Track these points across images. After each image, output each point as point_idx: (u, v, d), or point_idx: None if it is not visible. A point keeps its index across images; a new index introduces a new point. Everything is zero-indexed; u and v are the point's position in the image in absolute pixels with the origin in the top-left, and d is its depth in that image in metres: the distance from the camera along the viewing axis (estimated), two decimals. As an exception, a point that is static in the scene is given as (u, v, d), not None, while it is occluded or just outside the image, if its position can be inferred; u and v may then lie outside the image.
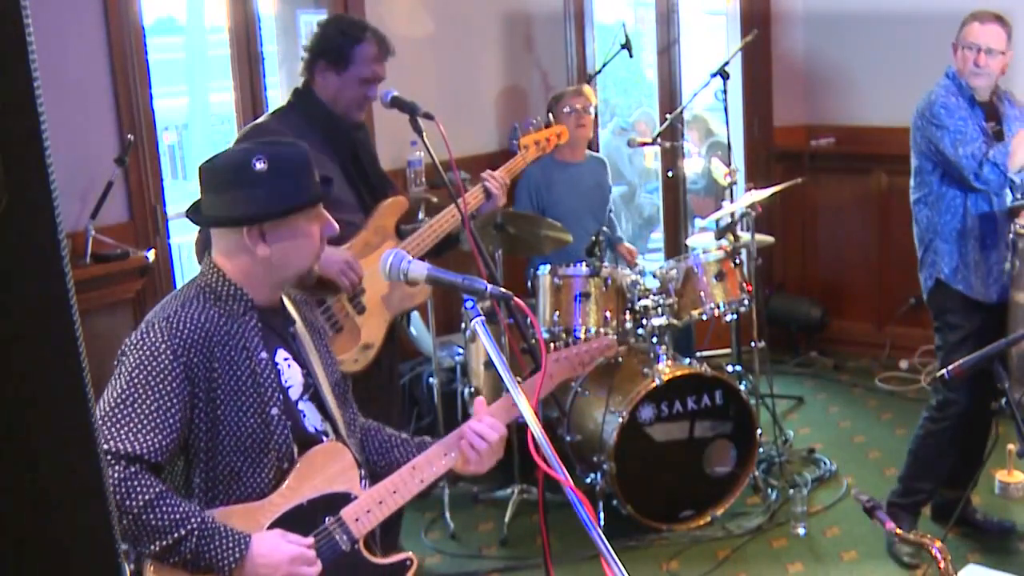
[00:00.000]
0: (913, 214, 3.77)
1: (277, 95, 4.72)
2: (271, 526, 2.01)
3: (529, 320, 2.01)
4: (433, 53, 5.09)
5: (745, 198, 4.56)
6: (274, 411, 2.04)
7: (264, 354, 2.06)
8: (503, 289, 2.03)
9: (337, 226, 2.16)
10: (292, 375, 2.13)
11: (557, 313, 4.06)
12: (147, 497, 1.88)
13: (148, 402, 1.93)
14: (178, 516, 1.90)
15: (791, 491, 4.05)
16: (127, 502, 1.87)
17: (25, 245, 0.93)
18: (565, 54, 5.79)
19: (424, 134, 3.07)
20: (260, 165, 2.01)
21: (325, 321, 3.04)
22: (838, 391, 5.44)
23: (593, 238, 4.16)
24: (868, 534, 3.85)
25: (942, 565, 2.08)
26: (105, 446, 1.87)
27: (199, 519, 1.92)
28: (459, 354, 4.52)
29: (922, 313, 4.54)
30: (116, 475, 1.87)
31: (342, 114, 3.17)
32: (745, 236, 4.54)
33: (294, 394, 2.13)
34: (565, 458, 4.03)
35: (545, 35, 5.73)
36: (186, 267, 5.21)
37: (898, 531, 2.12)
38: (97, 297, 3.64)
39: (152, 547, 1.90)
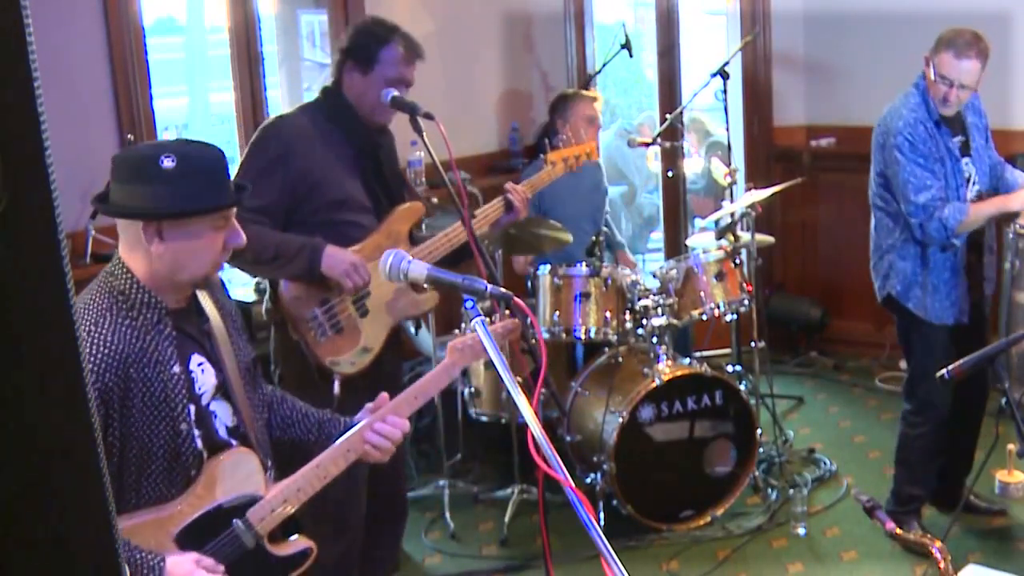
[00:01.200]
0: (872, 216, 3.74)
1: (277, 95, 4.73)
2: (180, 533, 2.04)
3: (529, 320, 2.00)
4: (433, 53, 5.07)
5: (745, 198, 4.57)
6: (183, 426, 2.06)
7: (177, 368, 2.07)
8: (503, 289, 2.03)
9: (244, 238, 2.13)
10: (205, 380, 2.14)
11: (557, 313, 4.06)
12: None
13: None
14: None
15: (791, 491, 4.05)
16: None
17: (25, 245, 0.93)
18: (565, 54, 5.79)
19: (424, 134, 3.06)
20: (168, 163, 2.00)
21: (326, 321, 3.03)
22: (838, 391, 5.44)
23: (593, 238, 4.16)
24: (868, 534, 3.85)
25: (942, 565, 2.07)
26: None
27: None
28: (459, 354, 4.51)
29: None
30: None
31: (367, 115, 3.15)
32: (745, 236, 4.54)
33: (206, 399, 2.14)
34: (565, 458, 4.03)
35: (545, 35, 5.73)
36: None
37: (898, 531, 2.13)
38: (97, 297, 3.64)
39: None
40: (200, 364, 2.13)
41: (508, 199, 3.30)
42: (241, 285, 4.00)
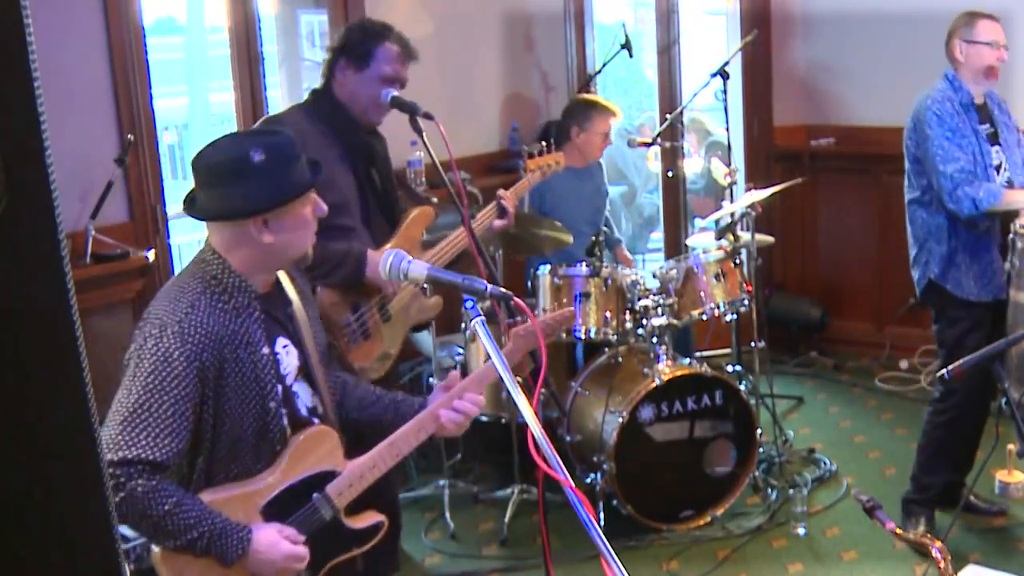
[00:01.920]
0: (907, 214, 3.79)
1: (277, 95, 4.73)
2: (265, 506, 2.17)
3: (529, 320, 2.01)
4: (433, 53, 5.08)
5: (745, 198, 4.56)
6: (272, 404, 2.17)
7: (266, 349, 2.18)
8: (503, 289, 2.04)
9: (325, 207, 2.24)
10: (289, 361, 2.26)
11: (557, 313, 4.05)
12: (167, 506, 2.02)
13: (165, 407, 2.03)
14: (192, 520, 2.04)
15: (791, 491, 4.05)
16: (150, 511, 2.01)
17: (25, 245, 0.93)
18: (565, 54, 5.79)
19: (424, 134, 3.07)
20: (258, 157, 2.09)
21: (358, 327, 3.07)
22: (838, 391, 5.44)
23: (593, 238, 4.16)
24: (868, 534, 3.85)
25: (942, 565, 2.07)
26: (129, 454, 2.00)
27: (210, 521, 2.06)
28: (459, 354, 4.52)
29: (922, 313, 4.56)
30: (140, 488, 2.00)
31: (360, 115, 3.14)
32: (745, 236, 4.54)
33: (289, 379, 2.26)
34: (565, 458, 4.03)
35: (545, 35, 5.73)
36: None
37: (898, 531, 2.12)
38: (97, 297, 3.64)
39: (166, 544, 2.05)
40: (285, 346, 2.25)
41: (501, 205, 3.38)
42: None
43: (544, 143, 3.88)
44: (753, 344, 4.55)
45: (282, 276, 2.32)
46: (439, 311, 3.35)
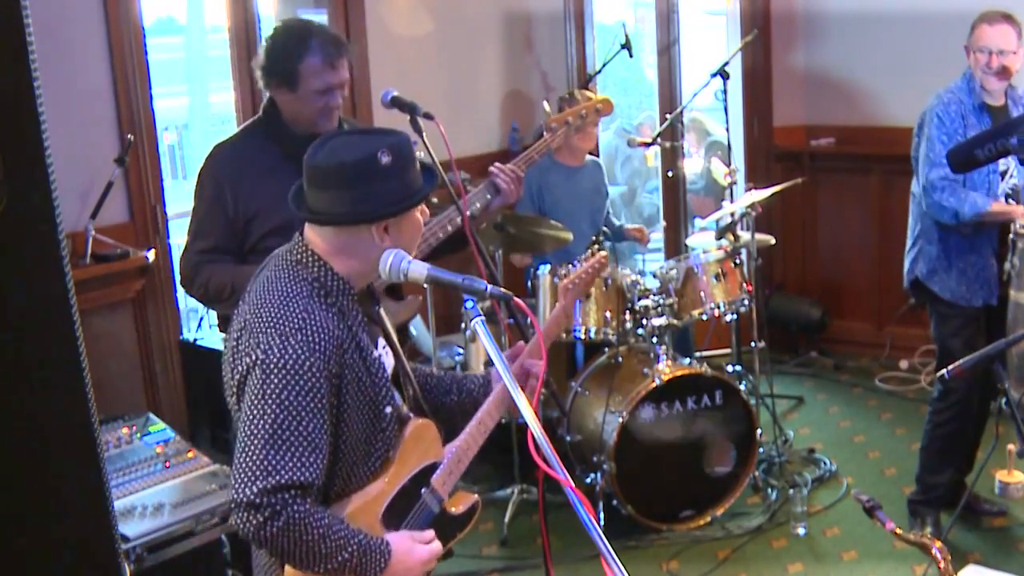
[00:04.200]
0: (910, 205, 3.80)
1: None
2: (384, 512, 2.08)
3: (529, 320, 2.01)
4: (433, 53, 5.09)
5: (745, 198, 4.56)
6: (388, 409, 2.08)
7: (375, 352, 2.08)
8: (503, 289, 2.03)
9: (428, 212, 2.17)
10: (388, 362, 2.17)
11: (557, 313, 4.05)
12: (322, 529, 1.91)
13: (306, 423, 1.91)
14: (342, 540, 1.94)
15: (791, 491, 4.05)
16: (307, 535, 1.90)
17: (25, 245, 0.93)
18: (565, 54, 5.79)
19: (424, 134, 3.06)
20: (385, 159, 1.99)
21: None
22: (838, 391, 5.44)
23: (593, 238, 4.16)
24: (868, 534, 3.85)
25: (942, 565, 2.07)
26: (281, 479, 1.88)
27: (356, 540, 1.96)
28: (459, 354, 4.52)
29: (922, 313, 4.55)
30: (298, 513, 1.88)
31: (309, 129, 2.95)
32: (745, 236, 4.54)
33: (390, 380, 2.16)
34: (565, 458, 4.03)
35: (545, 35, 5.73)
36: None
37: (898, 531, 2.12)
38: (97, 297, 3.65)
39: (317, 568, 1.94)
40: (384, 347, 2.16)
41: (494, 182, 3.14)
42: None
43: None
44: (753, 344, 4.55)
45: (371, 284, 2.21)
46: (414, 312, 3.30)
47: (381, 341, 2.16)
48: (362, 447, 2.05)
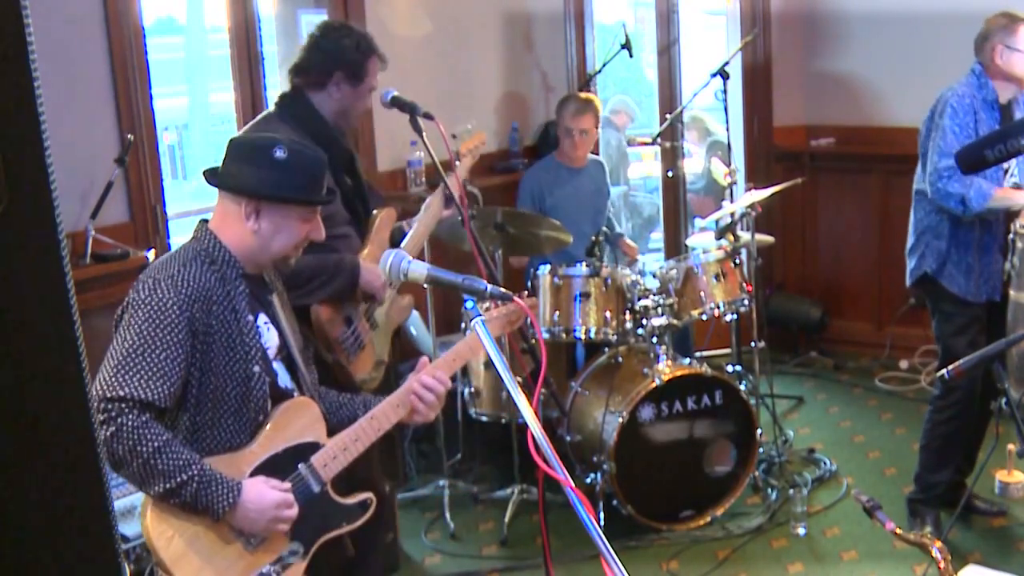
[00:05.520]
0: (912, 202, 3.79)
1: (277, 95, 4.71)
2: (252, 473, 2.23)
3: (529, 320, 2.01)
4: (433, 53, 5.09)
5: (745, 198, 4.56)
6: (256, 368, 2.26)
7: (250, 317, 2.29)
8: (503, 289, 2.04)
9: (323, 234, 2.37)
10: (270, 338, 2.36)
11: (557, 313, 4.06)
12: (156, 444, 2.08)
13: (158, 352, 2.12)
14: (182, 462, 2.10)
15: (791, 491, 4.05)
16: (139, 447, 2.06)
17: (25, 245, 0.93)
18: (565, 54, 5.79)
19: (424, 134, 3.06)
20: (280, 153, 2.25)
21: (353, 339, 3.05)
22: (838, 391, 5.44)
23: (593, 238, 4.16)
24: (868, 534, 3.85)
25: (942, 565, 2.07)
26: (121, 392, 2.08)
27: (199, 466, 2.12)
28: (459, 354, 4.51)
29: (922, 313, 4.55)
30: (131, 422, 2.06)
31: (344, 124, 3.15)
32: (745, 236, 4.54)
33: (271, 355, 2.35)
34: (565, 458, 4.03)
35: (545, 35, 5.73)
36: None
37: (898, 530, 2.12)
38: (97, 297, 3.64)
39: (156, 488, 2.09)
40: (266, 323, 2.36)
41: (446, 194, 3.31)
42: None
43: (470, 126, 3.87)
44: (753, 344, 4.55)
45: (266, 277, 2.43)
46: (410, 312, 3.38)
47: (264, 316, 2.35)
48: (232, 403, 2.23)
